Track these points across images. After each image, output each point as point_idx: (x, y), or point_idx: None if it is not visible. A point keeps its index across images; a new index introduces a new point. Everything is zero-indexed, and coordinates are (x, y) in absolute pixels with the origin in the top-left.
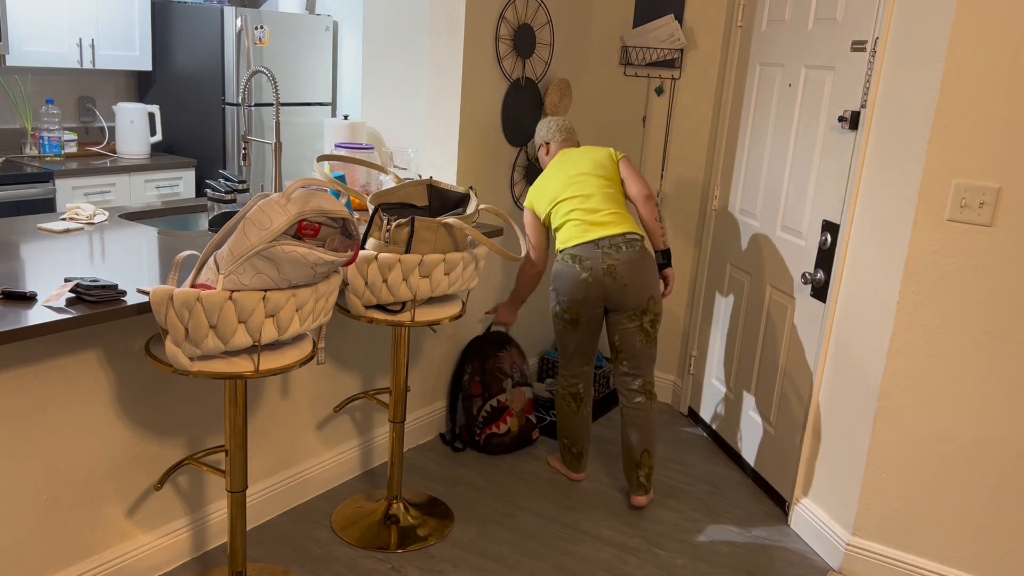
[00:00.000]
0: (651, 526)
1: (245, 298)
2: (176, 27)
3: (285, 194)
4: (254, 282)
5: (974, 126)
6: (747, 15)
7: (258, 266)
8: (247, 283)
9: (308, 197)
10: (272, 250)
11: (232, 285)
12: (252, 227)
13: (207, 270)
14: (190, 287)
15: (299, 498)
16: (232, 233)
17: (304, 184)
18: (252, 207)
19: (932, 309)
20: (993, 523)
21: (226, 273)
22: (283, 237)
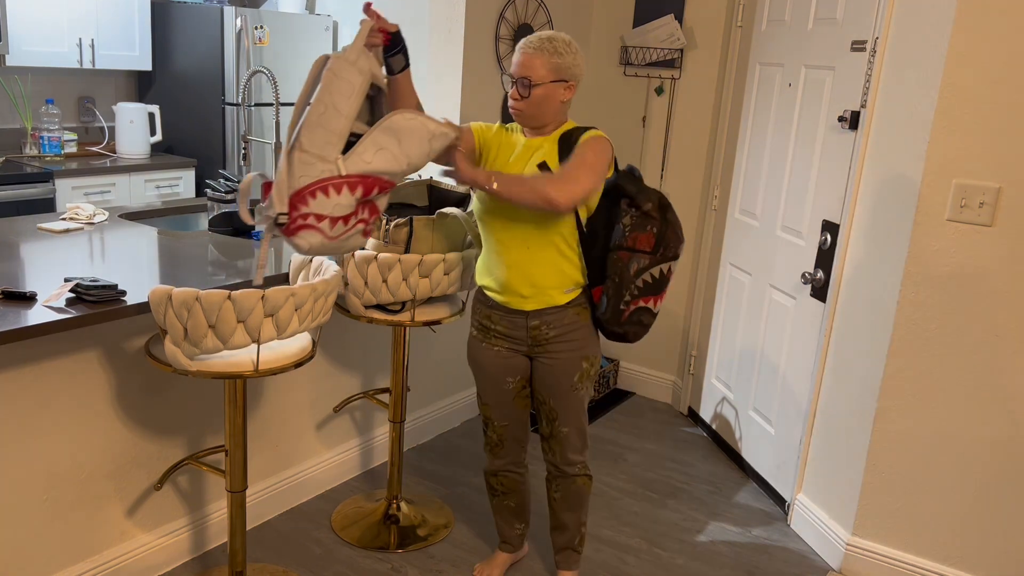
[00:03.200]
0: (651, 526)
1: (244, 297)
2: (176, 27)
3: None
4: (377, 160)
5: (974, 126)
6: (747, 15)
7: (379, 141)
8: (371, 161)
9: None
10: (392, 119)
11: (357, 168)
12: (338, 96)
13: (304, 166)
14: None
15: (299, 498)
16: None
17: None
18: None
19: (932, 309)
20: (993, 523)
21: (344, 157)
22: (400, 108)
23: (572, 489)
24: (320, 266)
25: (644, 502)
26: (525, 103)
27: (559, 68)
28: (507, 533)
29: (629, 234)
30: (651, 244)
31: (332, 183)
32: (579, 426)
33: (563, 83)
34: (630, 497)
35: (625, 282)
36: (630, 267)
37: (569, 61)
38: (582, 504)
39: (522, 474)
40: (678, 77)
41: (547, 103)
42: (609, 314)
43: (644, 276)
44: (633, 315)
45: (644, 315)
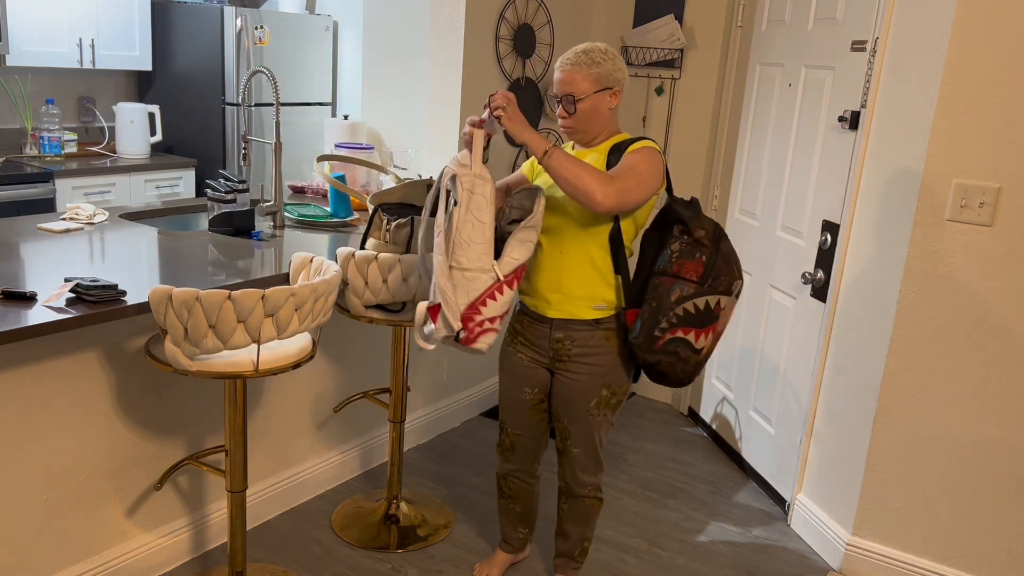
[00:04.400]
0: (651, 526)
1: (244, 297)
2: (176, 27)
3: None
4: (522, 252)
5: (974, 126)
6: (747, 15)
7: (522, 237)
8: (518, 257)
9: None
10: (535, 219)
11: (510, 268)
12: (480, 211)
13: (470, 282)
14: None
15: (299, 498)
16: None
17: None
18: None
19: (932, 309)
20: (993, 523)
21: (498, 263)
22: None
23: (579, 507)
24: (320, 266)
25: (644, 502)
26: (574, 119)
27: (600, 78)
28: (509, 534)
29: (675, 260)
30: (698, 273)
31: (496, 288)
32: (591, 450)
33: (608, 91)
34: (630, 497)
35: (663, 308)
36: (671, 293)
37: (609, 68)
38: (588, 521)
39: (531, 484)
40: (678, 77)
41: (595, 115)
42: (642, 339)
43: (686, 305)
44: (669, 344)
45: (681, 347)
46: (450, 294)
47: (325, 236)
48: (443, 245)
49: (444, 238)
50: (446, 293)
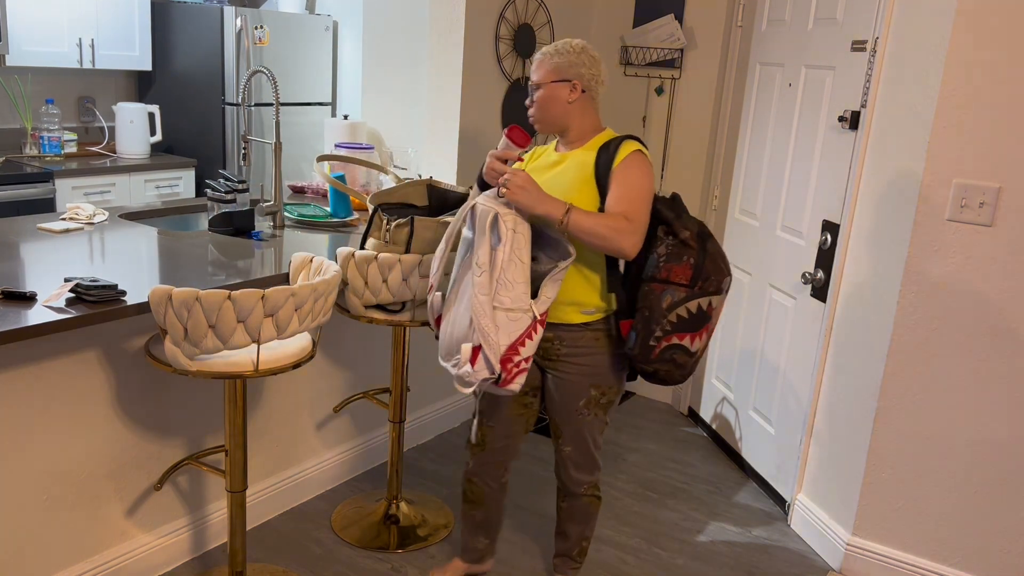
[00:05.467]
0: (651, 526)
1: (244, 297)
2: (176, 27)
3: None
4: (554, 290)
5: (974, 126)
6: (747, 15)
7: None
8: (551, 296)
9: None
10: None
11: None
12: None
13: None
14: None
15: (299, 498)
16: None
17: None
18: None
19: (932, 309)
20: (993, 523)
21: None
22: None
23: (577, 506)
24: (320, 266)
25: (644, 502)
26: (534, 107)
27: (560, 68)
28: (468, 543)
29: (663, 264)
30: (687, 276)
31: (533, 328)
32: (584, 449)
33: (566, 83)
34: (630, 497)
35: (656, 316)
36: (663, 300)
37: (572, 60)
38: (587, 520)
39: (494, 489)
40: (678, 77)
41: (551, 104)
42: (638, 350)
43: (679, 310)
44: (665, 352)
45: (678, 353)
46: (492, 335)
47: (325, 236)
48: (487, 285)
49: (488, 278)
50: (488, 334)
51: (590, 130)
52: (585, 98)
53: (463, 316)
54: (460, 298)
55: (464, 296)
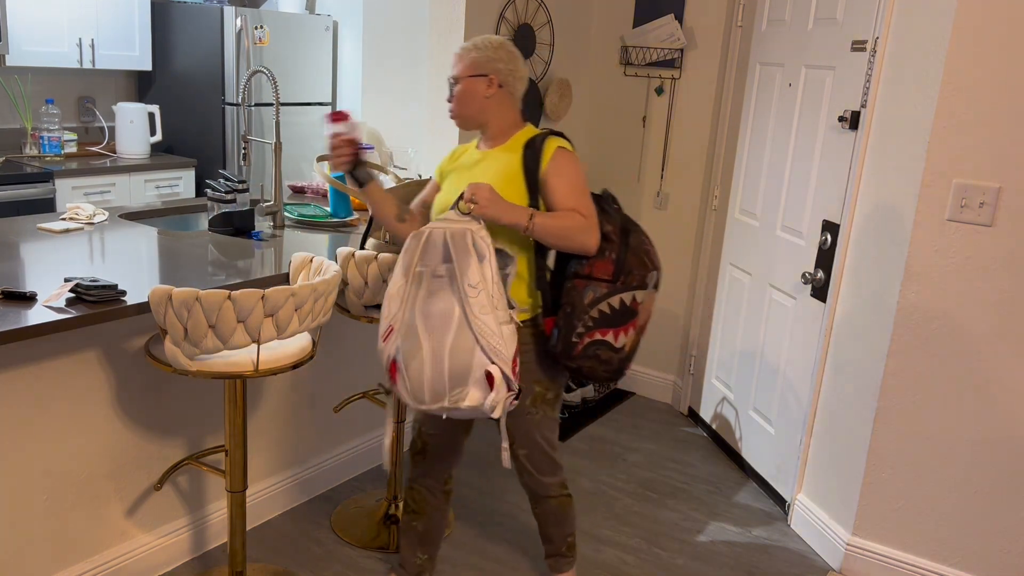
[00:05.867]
0: (651, 526)
1: (244, 297)
2: (176, 27)
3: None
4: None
5: (974, 126)
6: (747, 15)
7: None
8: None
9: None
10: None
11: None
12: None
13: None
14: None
15: (299, 498)
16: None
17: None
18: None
19: (932, 309)
20: (993, 523)
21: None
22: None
23: (549, 508)
24: (320, 266)
25: (644, 502)
26: (452, 102)
27: (476, 63)
28: (406, 556)
29: (586, 261)
30: (609, 272)
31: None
32: (539, 450)
33: (482, 77)
34: (630, 497)
35: (577, 312)
36: (584, 296)
37: (489, 56)
38: (564, 520)
39: (438, 497)
40: (678, 77)
41: (469, 99)
42: (560, 347)
43: (600, 306)
44: (588, 349)
45: (602, 349)
46: (503, 350)
47: (325, 236)
48: (487, 304)
49: (485, 296)
50: (500, 352)
51: (510, 126)
52: (503, 93)
53: (459, 347)
54: (440, 331)
55: (448, 327)
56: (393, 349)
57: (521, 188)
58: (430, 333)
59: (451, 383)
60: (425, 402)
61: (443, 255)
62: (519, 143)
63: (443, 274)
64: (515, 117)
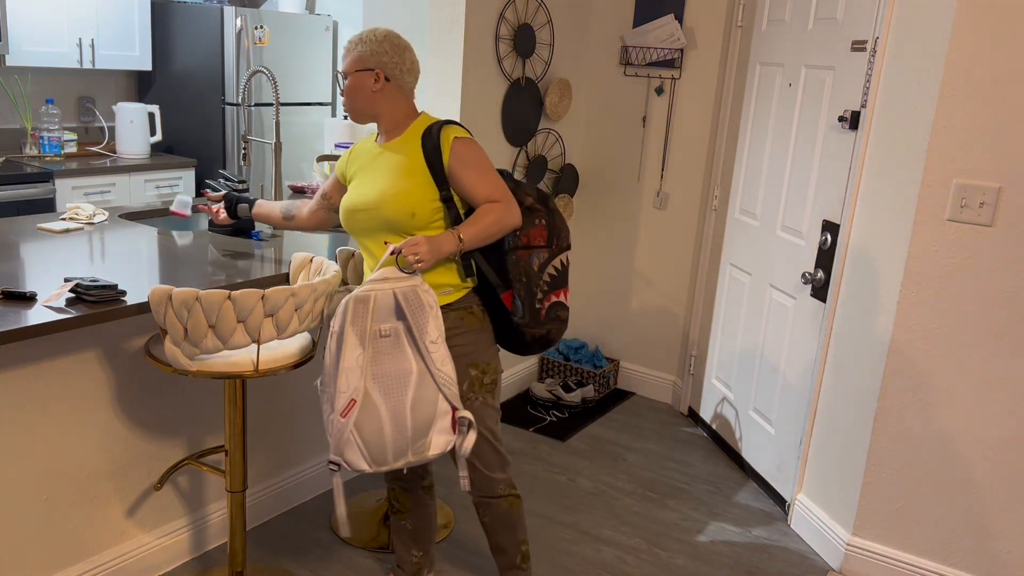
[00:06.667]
0: (651, 526)
1: (244, 297)
2: (176, 27)
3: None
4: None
5: (974, 126)
6: (747, 15)
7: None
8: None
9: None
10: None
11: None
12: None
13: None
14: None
15: (299, 498)
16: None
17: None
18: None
19: (932, 309)
20: (993, 523)
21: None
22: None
23: (499, 513)
24: (320, 266)
25: (644, 502)
26: (344, 96)
27: (362, 57)
28: (402, 556)
29: (520, 232)
30: (544, 237)
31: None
32: (484, 440)
33: (369, 72)
34: (630, 497)
35: (533, 280)
36: (532, 264)
37: (373, 50)
38: (515, 525)
39: (420, 496)
40: (678, 77)
41: (357, 93)
42: (528, 316)
43: (548, 270)
44: (550, 311)
45: (560, 310)
46: (455, 390)
47: (325, 236)
48: (446, 356)
49: (443, 347)
50: (456, 397)
51: (404, 118)
52: (391, 87)
53: (421, 400)
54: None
55: (407, 384)
56: (366, 428)
57: (426, 179)
58: (386, 395)
59: (413, 437)
60: (388, 463)
61: (395, 314)
62: (415, 134)
63: (388, 333)
64: (408, 108)
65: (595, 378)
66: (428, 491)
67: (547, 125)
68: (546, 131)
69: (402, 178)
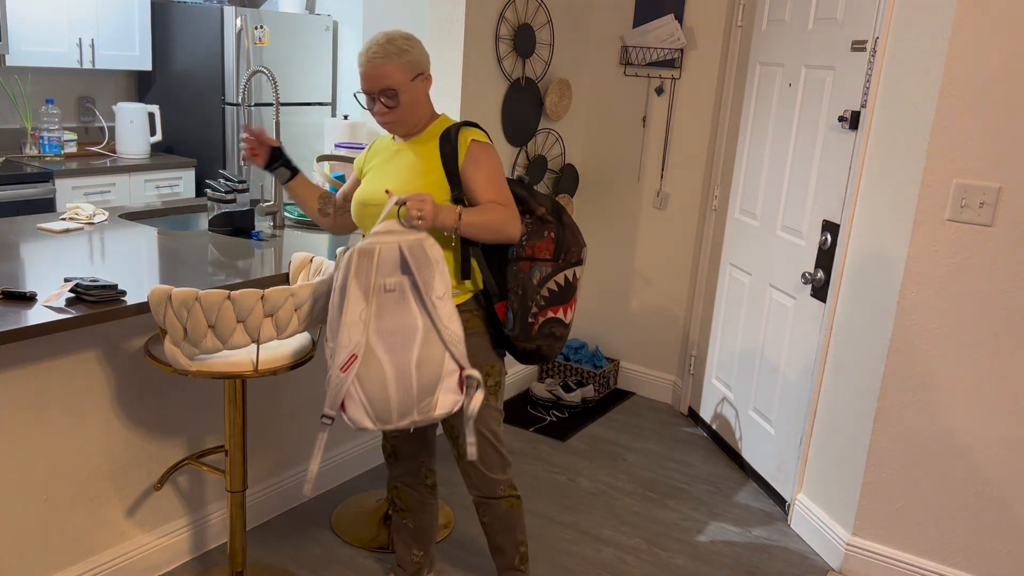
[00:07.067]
0: (651, 526)
1: (243, 297)
2: (176, 27)
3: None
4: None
5: (974, 126)
6: (747, 15)
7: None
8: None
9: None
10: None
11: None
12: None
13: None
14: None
15: (299, 498)
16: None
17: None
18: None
19: (932, 309)
20: (993, 523)
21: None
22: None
23: (499, 513)
24: (320, 266)
25: (644, 502)
26: (396, 113)
27: (412, 65)
28: (402, 556)
29: (527, 243)
30: (551, 251)
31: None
32: (486, 442)
33: (421, 76)
34: (630, 497)
35: (529, 293)
36: (532, 277)
37: (416, 54)
38: (515, 526)
39: (422, 493)
40: (678, 77)
41: (417, 104)
42: (518, 330)
43: (548, 284)
44: (543, 327)
45: (556, 327)
46: (463, 349)
47: (325, 236)
48: (453, 312)
49: (450, 303)
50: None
51: (427, 117)
52: (428, 84)
53: (427, 358)
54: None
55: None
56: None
57: (441, 179)
58: (390, 351)
59: (419, 395)
60: (392, 421)
61: (400, 268)
62: (434, 134)
63: (393, 288)
64: (431, 107)
65: (595, 378)
66: (431, 490)
67: (547, 125)
68: (546, 131)
69: (416, 176)
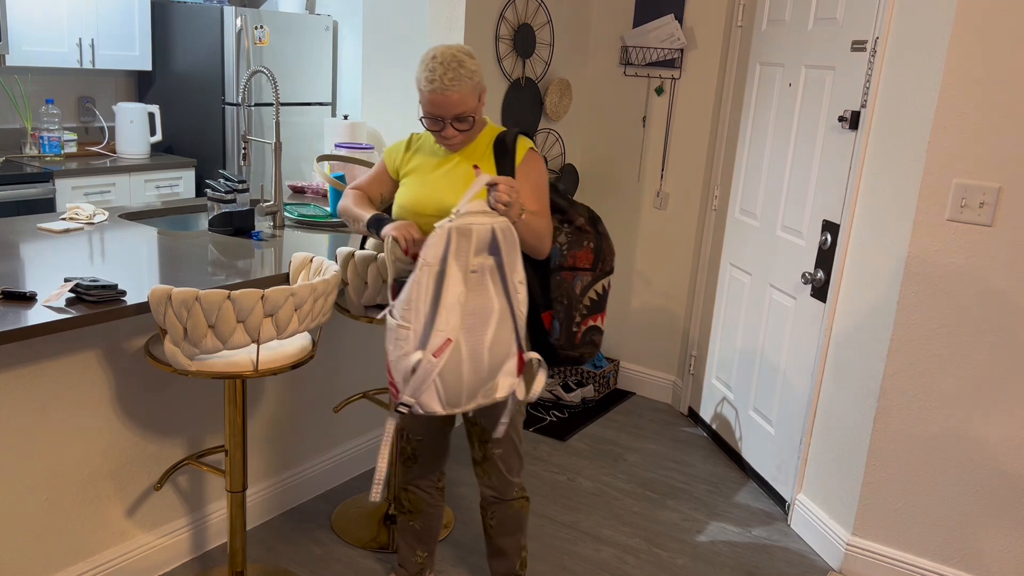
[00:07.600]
0: (651, 526)
1: (243, 297)
2: (176, 27)
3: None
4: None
5: (974, 126)
6: (747, 15)
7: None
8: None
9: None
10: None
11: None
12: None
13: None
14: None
15: (299, 498)
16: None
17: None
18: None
19: (932, 309)
20: (993, 523)
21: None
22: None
23: (509, 514)
24: (320, 266)
25: (644, 502)
26: (467, 135)
27: (480, 85)
28: (406, 556)
29: (568, 252)
30: (590, 260)
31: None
32: (512, 446)
33: (484, 92)
34: (630, 497)
35: (574, 303)
36: (575, 286)
37: (481, 71)
38: (520, 527)
39: (433, 495)
40: (678, 77)
41: (478, 125)
42: (564, 339)
43: (589, 294)
44: (585, 335)
45: (595, 334)
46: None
47: (325, 236)
48: (526, 298)
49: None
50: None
51: (481, 123)
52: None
53: (499, 340)
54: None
55: (488, 323)
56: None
57: None
58: (468, 332)
59: (488, 377)
60: (461, 404)
61: (489, 249)
62: (486, 141)
63: (477, 269)
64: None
65: (595, 378)
66: (441, 492)
67: (547, 125)
68: (546, 131)
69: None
